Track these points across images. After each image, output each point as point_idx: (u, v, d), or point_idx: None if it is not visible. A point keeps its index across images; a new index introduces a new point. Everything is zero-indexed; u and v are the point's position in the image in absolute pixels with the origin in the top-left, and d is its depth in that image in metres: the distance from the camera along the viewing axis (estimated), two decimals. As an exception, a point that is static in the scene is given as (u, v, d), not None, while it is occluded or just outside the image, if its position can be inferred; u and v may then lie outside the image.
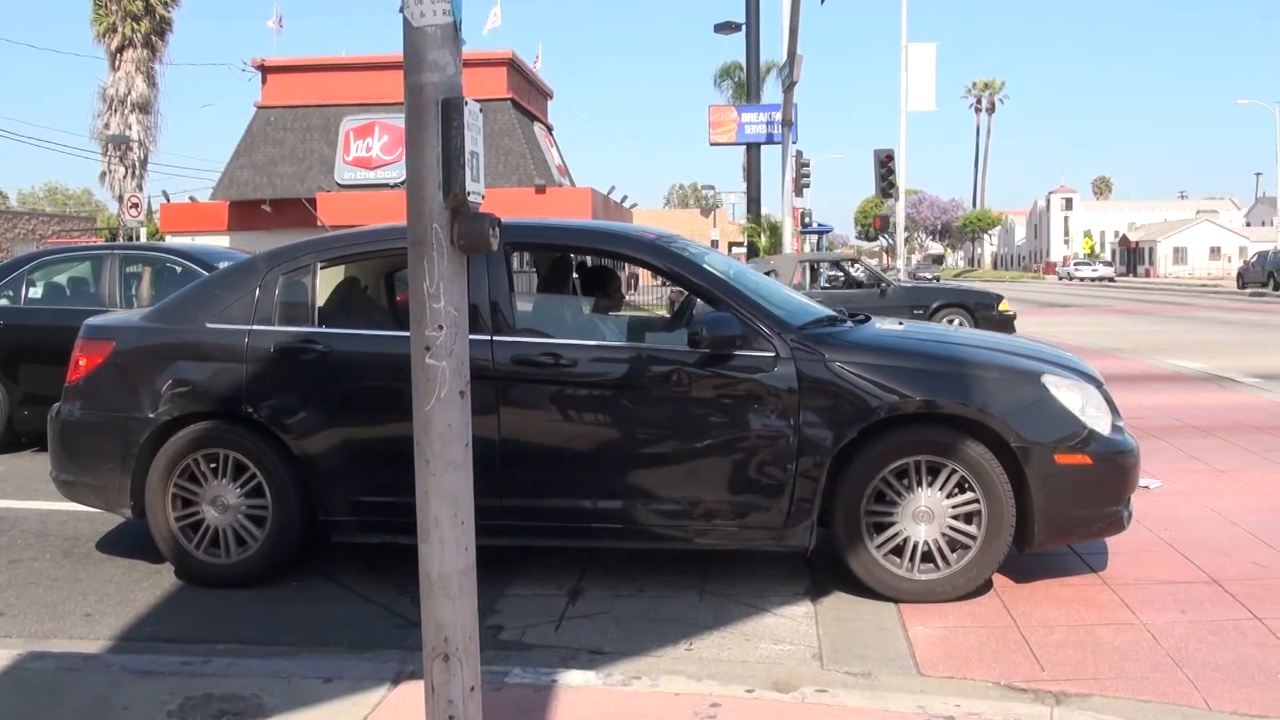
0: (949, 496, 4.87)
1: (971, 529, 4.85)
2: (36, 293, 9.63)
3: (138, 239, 33.29)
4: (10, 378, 8.99)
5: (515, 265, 5.60)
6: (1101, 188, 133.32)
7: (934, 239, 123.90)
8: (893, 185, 27.68)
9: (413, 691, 3.68)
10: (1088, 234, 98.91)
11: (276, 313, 5.36)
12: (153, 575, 5.49)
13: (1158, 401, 11.12)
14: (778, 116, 26.89)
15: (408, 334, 2.87)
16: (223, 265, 9.45)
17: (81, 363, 5.55)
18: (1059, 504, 4.84)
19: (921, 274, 73.07)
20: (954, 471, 4.85)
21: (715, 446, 4.94)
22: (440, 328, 2.81)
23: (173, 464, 5.28)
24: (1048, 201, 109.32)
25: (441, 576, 2.88)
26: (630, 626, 4.69)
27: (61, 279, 9.98)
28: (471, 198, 2.80)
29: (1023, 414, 4.87)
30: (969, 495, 4.85)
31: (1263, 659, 4.20)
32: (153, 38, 42.75)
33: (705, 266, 5.38)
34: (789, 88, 24.18)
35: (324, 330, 5.32)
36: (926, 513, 4.88)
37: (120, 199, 38.02)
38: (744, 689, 3.83)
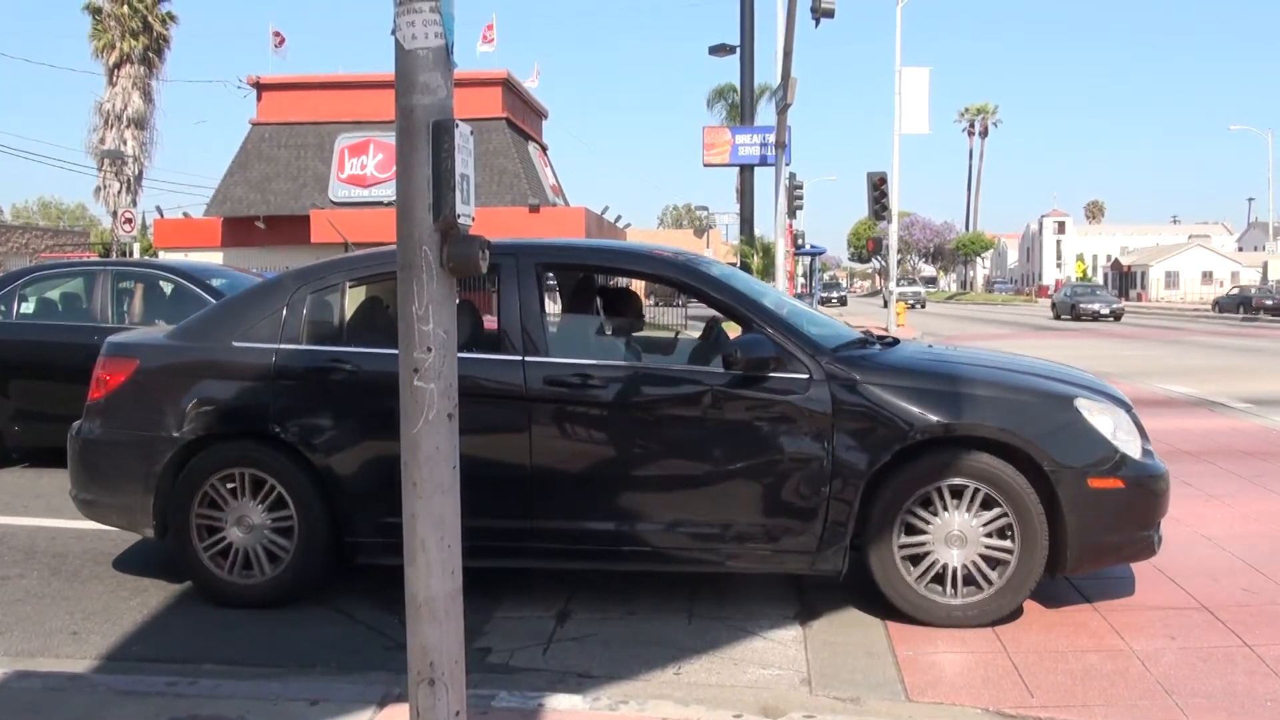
0: (982, 521, 4.84)
1: (1005, 554, 4.82)
2: (28, 308, 9.59)
3: (131, 254, 33.26)
4: (1, 393, 8.95)
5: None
6: (1094, 212, 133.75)
7: (927, 261, 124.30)
8: (885, 208, 27.73)
9: (399, 714, 3.66)
10: (1080, 258, 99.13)
11: (304, 332, 5.31)
12: (140, 594, 5.46)
13: (1149, 426, 11.01)
14: (771, 138, 27.02)
15: None
16: (215, 282, 9.46)
17: (104, 380, 5.48)
18: (1092, 528, 4.82)
19: (1086, 304, 46.31)
20: (987, 496, 4.82)
21: (748, 469, 4.91)
22: (429, 350, 2.82)
23: (197, 484, 5.21)
24: (1040, 225, 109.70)
25: (428, 600, 2.87)
26: (618, 650, 4.67)
27: (54, 294, 9.95)
28: (461, 220, 2.80)
29: (1056, 437, 4.85)
30: (1002, 519, 4.81)
31: (1251, 687, 4.19)
32: (150, 54, 42.90)
33: (737, 288, 5.37)
34: (783, 110, 24.29)
35: (353, 349, 5.25)
36: (959, 537, 4.84)
37: (114, 214, 37.99)
38: (731, 714, 3.81)
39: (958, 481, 4.84)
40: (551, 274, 5.78)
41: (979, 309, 66.90)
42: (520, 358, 5.05)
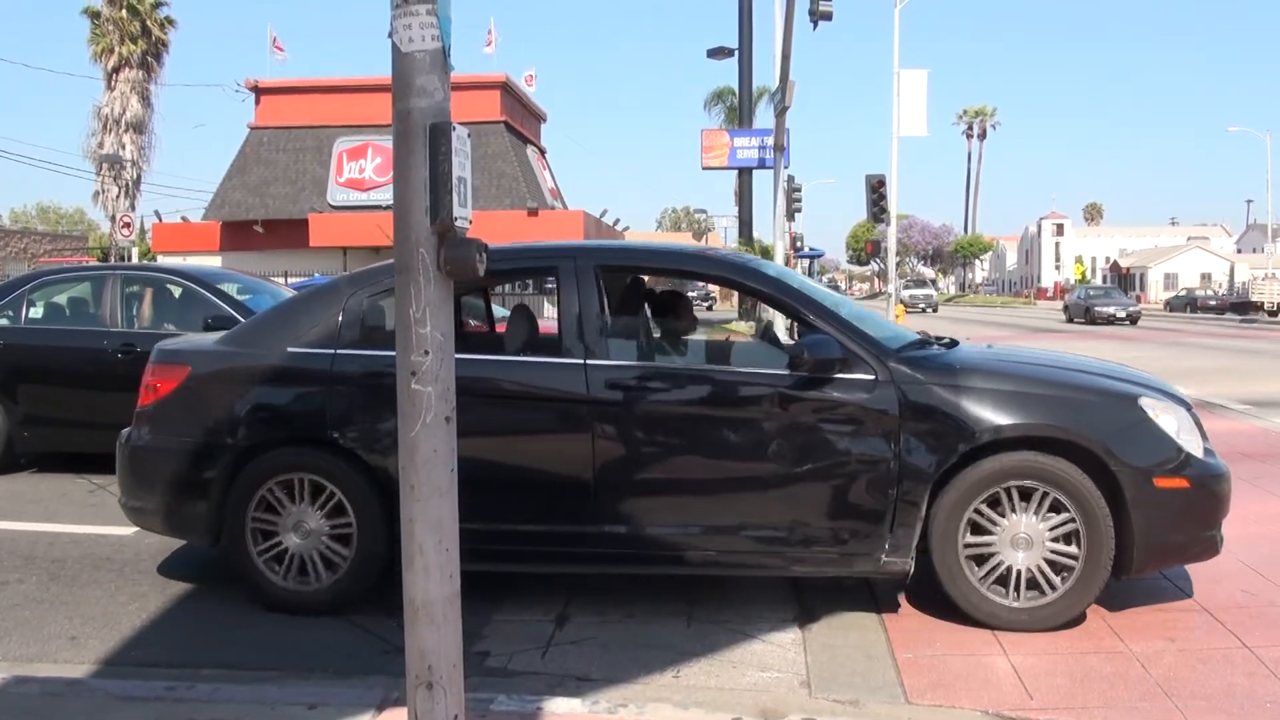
0: (1048, 523, 4.81)
1: (1071, 556, 4.79)
2: (36, 313, 9.54)
3: (129, 259, 33.24)
4: (10, 398, 8.91)
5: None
6: (1093, 214, 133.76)
7: (925, 264, 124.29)
8: (884, 210, 27.74)
9: (398, 718, 3.66)
10: (1079, 260, 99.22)
11: (361, 336, 5.28)
12: (139, 598, 5.45)
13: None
14: (770, 141, 27.08)
15: (495, 358, 2.85)
16: (223, 286, 9.40)
17: (155, 387, 5.43)
18: (1158, 529, 4.78)
19: (1101, 307, 42.66)
20: (1053, 497, 4.79)
21: (815, 471, 4.88)
22: (426, 353, 2.81)
23: (253, 490, 5.16)
24: (1039, 227, 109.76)
25: (426, 604, 2.87)
26: (617, 653, 4.67)
27: (61, 299, 9.89)
28: (459, 223, 2.80)
29: (1122, 437, 4.83)
30: (1068, 522, 4.78)
31: (1251, 688, 4.19)
32: (148, 58, 42.90)
33: (799, 288, 5.36)
34: (781, 113, 24.32)
35: None
36: (1025, 539, 4.81)
37: (113, 218, 38.00)
38: (731, 717, 3.81)
39: (1025, 483, 4.80)
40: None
41: (980, 311, 66.87)
42: (582, 361, 5.01)
